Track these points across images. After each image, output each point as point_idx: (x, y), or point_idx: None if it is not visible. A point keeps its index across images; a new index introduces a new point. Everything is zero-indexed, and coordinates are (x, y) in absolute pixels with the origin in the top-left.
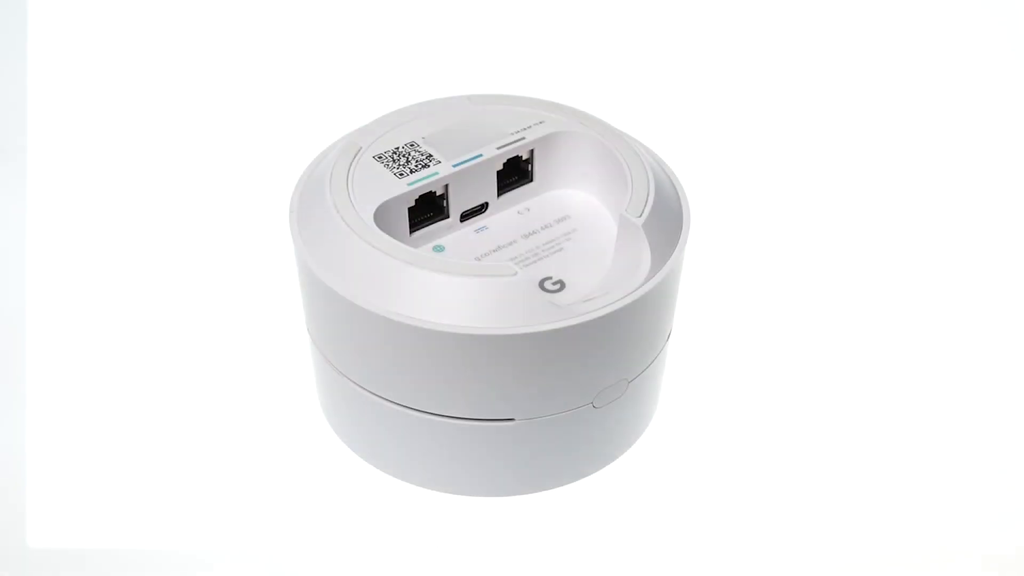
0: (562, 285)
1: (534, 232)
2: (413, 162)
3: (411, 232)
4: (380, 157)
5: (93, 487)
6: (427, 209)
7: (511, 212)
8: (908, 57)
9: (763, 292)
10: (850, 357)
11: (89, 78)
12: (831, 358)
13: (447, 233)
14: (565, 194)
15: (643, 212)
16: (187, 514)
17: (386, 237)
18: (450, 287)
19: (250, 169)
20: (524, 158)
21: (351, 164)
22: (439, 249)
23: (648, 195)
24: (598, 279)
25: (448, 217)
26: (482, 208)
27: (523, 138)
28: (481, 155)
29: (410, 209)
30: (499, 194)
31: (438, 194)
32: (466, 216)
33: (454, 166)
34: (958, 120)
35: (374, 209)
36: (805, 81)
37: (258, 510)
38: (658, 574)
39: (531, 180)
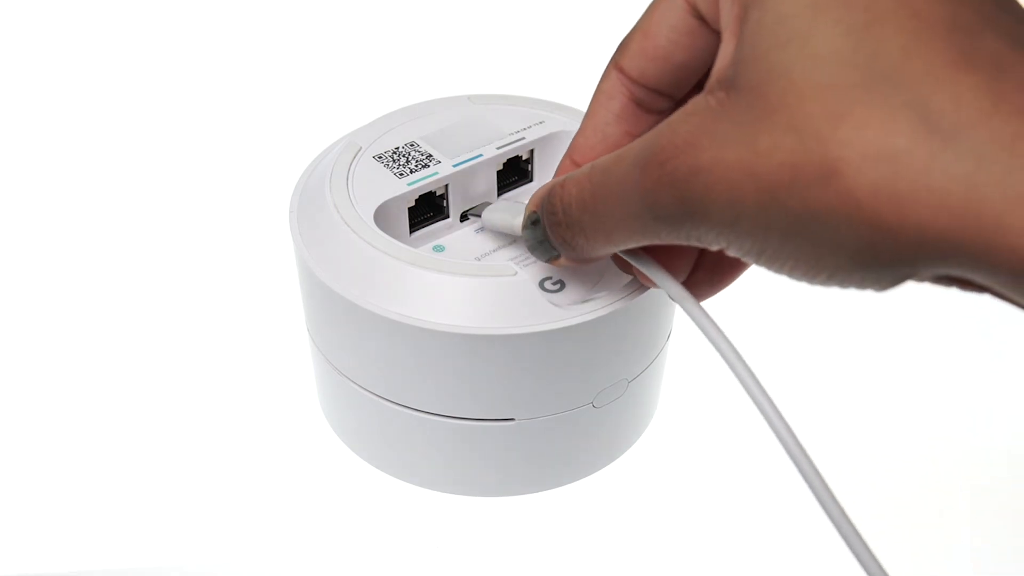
0: (562, 285)
1: None
2: (413, 162)
3: (411, 232)
4: (380, 157)
5: (93, 487)
6: (427, 209)
7: None
8: None
9: (763, 291)
10: (850, 356)
11: (89, 78)
12: (831, 358)
13: (447, 233)
14: None
15: None
16: (187, 513)
17: (386, 237)
18: (450, 287)
19: (250, 169)
20: (524, 158)
21: (351, 164)
22: (439, 249)
23: None
24: (598, 279)
25: (448, 217)
26: (482, 208)
27: (523, 138)
28: (481, 155)
29: (410, 209)
30: (499, 194)
31: (438, 194)
32: (466, 216)
33: (454, 166)
34: None
35: (374, 209)
36: None
37: (258, 510)
38: (658, 574)
39: (531, 180)
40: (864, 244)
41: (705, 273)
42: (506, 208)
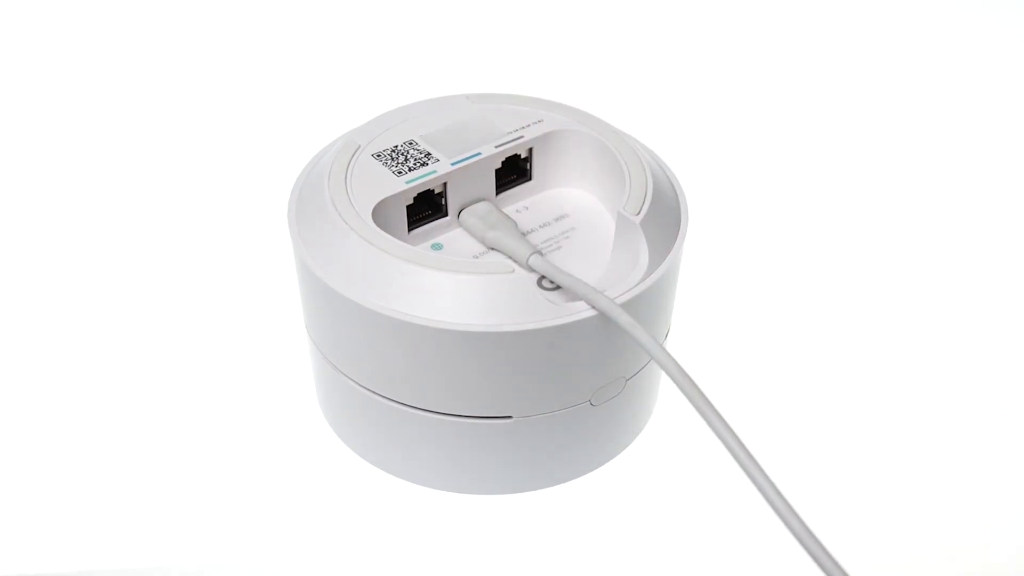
0: None
1: (532, 230)
2: (412, 160)
3: (409, 230)
4: (379, 155)
5: (93, 487)
6: (425, 207)
7: (509, 210)
8: (907, 57)
9: (761, 290)
10: (849, 355)
11: (89, 78)
12: (830, 356)
13: (445, 231)
14: (563, 192)
15: (641, 210)
16: (187, 513)
17: (384, 235)
18: (448, 284)
19: (249, 168)
20: (523, 156)
21: (350, 162)
22: (437, 247)
23: (646, 193)
24: (596, 277)
25: (446, 215)
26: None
27: (521, 137)
28: (480, 153)
29: (408, 207)
30: (497, 192)
31: (436, 192)
32: None
33: (452, 164)
34: (957, 120)
35: (372, 207)
36: (803, 81)
37: (258, 510)
38: (656, 573)
39: (529, 179)
40: None
41: None
42: (483, 215)
